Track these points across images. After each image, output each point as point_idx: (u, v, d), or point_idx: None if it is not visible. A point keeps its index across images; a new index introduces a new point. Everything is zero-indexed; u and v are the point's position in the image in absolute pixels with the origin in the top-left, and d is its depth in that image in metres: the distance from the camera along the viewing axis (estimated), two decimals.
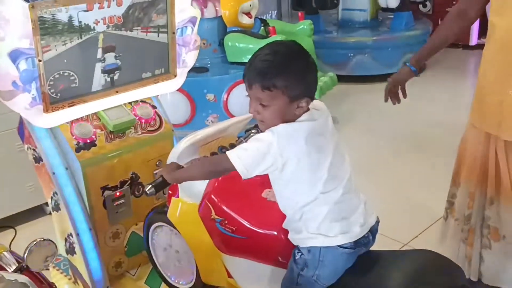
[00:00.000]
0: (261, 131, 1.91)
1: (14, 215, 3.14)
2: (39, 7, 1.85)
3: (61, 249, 2.30)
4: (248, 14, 4.23)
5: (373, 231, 1.62)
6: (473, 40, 6.46)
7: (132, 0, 2.12)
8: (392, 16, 5.89)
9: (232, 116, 3.97)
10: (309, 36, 4.44)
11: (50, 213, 3.20)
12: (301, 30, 4.42)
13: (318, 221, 1.53)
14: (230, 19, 4.16)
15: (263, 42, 4.08)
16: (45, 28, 1.90)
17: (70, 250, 2.24)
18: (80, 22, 2.00)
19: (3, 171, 3.01)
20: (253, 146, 1.51)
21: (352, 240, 1.55)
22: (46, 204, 3.23)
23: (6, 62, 1.83)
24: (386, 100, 2.14)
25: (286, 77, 1.48)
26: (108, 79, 2.18)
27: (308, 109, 1.55)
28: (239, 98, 3.94)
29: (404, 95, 2.12)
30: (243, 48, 4.10)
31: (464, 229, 2.08)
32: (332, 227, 1.54)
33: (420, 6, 6.48)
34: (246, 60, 4.35)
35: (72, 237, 2.20)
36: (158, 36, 2.29)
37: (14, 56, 1.84)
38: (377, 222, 1.65)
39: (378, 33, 5.74)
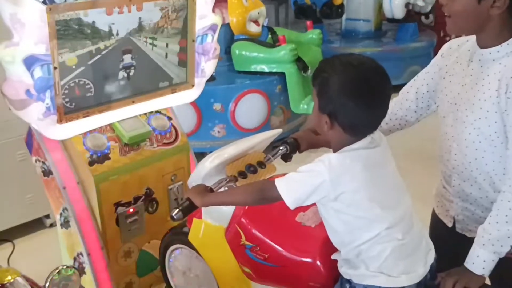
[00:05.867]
0: (289, 147, 1.80)
1: (12, 228, 2.98)
2: (57, 10, 1.71)
3: None
4: (256, 22, 4.13)
5: (431, 269, 1.49)
6: None
7: (152, 6, 2.00)
8: (396, 28, 5.83)
9: (240, 127, 3.86)
10: (317, 45, 4.35)
11: (50, 226, 3.08)
12: (310, 39, 4.33)
13: (381, 259, 1.39)
14: (238, 27, 4.05)
15: (271, 51, 4.01)
16: (62, 33, 1.77)
17: (80, 271, 2.09)
18: (98, 27, 1.87)
19: (1, 182, 2.84)
20: (303, 178, 1.37)
21: (415, 282, 1.42)
22: (46, 216, 3.10)
23: (20, 69, 1.69)
24: None
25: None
26: (125, 75, 2.04)
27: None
28: (247, 108, 3.83)
29: None
30: (251, 57, 4.00)
31: None
32: (395, 266, 1.40)
33: (423, 17, 6.42)
34: (254, 69, 4.31)
35: (83, 256, 2.06)
36: (177, 43, 2.17)
37: (29, 62, 1.70)
38: (435, 258, 1.51)
39: (383, 44, 5.68)
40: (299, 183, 1.37)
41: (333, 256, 1.51)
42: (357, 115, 1.34)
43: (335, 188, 1.33)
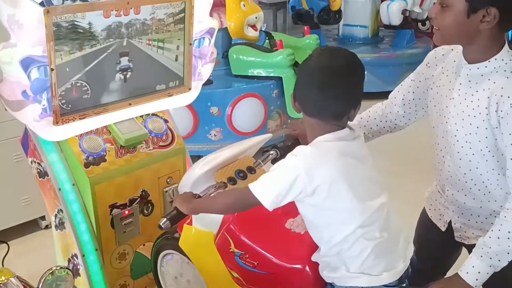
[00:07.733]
0: (279, 152, 1.80)
1: (7, 230, 2.97)
2: (54, 12, 1.72)
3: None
4: (253, 26, 4.15)
5: (412, 262, 1.51)
6: None
7: (151, 9, 2.01)
8: (393, 34, 5.86)
9: (236, 130, 3.87)
10: None
11: (45, 228, 3.08)
12: (307, 44, 4.34)
13: (362, 259, 1.39)
14: (236, 31, 4.07)
15: (268, 56, 4.03)
16: (59, 34, 1.78)
17: (74, 272, 2.09)
18: (96, 29, 1.88)
19: None
20: (277, 176, 1.36)
21: (397, 278, 1.43)
22: (41, 218, 3.09)
23: (17, 70, 1.70)
24: None
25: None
26: (122, 77, 2.05)
27: (343, 127, 1.41)
28: (244, 112, 3.84)
29: None
30: (248, 61, 4.01)
31: None
32: (376, 265, 1.41)
33: (419, 24, 6.46)
34: (251, 74, 4.31)
35: (77, 258, 2.06)
36: (174, 46, 2.18)
37: (26, 63, 1.71)
38: (415, 251, 1.53)
39: (380, 50, 5.70)
40: (274, 181, 1.35)
41: (313, 258, 1.51)
42: (307, 92, 1.38)
43: (311, 181, 1.32)
